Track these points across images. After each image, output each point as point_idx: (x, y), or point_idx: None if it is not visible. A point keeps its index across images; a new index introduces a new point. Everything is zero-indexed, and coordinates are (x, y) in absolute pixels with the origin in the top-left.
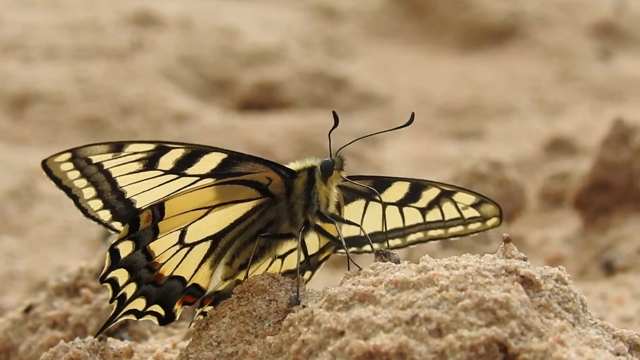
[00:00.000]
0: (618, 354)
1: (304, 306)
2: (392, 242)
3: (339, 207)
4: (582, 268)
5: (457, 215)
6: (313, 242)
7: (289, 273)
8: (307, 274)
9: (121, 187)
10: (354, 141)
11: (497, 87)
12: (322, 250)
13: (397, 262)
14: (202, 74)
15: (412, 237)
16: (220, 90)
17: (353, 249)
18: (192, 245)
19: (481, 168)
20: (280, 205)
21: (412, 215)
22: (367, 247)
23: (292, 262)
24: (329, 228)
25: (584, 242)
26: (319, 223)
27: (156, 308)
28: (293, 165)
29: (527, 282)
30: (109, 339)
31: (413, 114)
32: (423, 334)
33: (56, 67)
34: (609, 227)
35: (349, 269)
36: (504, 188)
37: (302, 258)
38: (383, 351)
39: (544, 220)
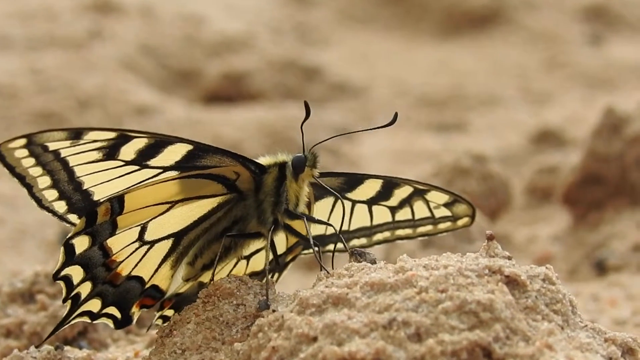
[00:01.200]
0: (610, 359)
1: (273, 310)
2: (358, 242)
3: (309, 205)
4: (572, 267)
5: (428, 214)
6: (280, 241)
7: (254, 275)
8: (274, 275)
9: (78, 177)
10: (331, 138)
11: (480, 75)
12: (289, 250)
13: (373, 262)
14: (165, 65)
15: (378, 237)
16: (184, 82)
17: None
18: (152, 243)
19: (464, 162)
20: (248, 202)
21: (381, 214)
22: (331, 247)
23: (258, 263)
24: (298, 226)
25: (574, 239)
26: (288, 221)
27: (112, 310)
28: (263, 160)
29: (512, 283)
30: (67, 347)
31: (396, 114)
32: (401, 338)
33: (8, 58)
34: (601, 224)
35: (320, 270)
36: (488, 183)
37: (271, 258)
38: (358, 357)
39: (531, 217)
